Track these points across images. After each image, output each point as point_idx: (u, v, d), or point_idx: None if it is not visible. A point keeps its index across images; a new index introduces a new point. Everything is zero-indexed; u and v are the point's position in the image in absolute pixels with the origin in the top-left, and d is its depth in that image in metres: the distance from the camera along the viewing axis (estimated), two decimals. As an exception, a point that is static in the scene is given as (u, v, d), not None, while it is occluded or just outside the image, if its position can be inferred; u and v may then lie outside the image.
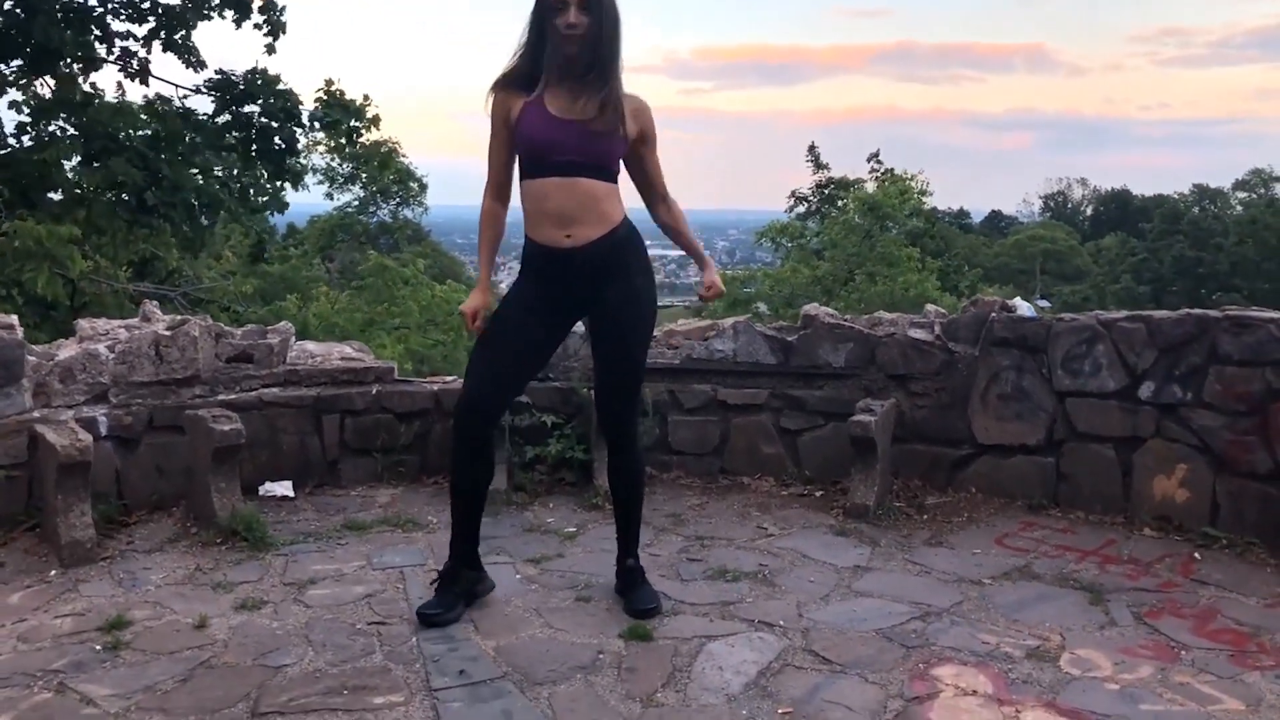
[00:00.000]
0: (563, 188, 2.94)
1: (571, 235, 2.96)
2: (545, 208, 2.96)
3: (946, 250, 27.26)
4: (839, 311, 4.94)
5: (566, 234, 2.96)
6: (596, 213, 2.98)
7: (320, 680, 2.77)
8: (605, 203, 3.00)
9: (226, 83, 9.49)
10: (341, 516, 4.15)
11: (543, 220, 2.98)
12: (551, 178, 2.94)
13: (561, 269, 2.99)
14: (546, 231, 2.98)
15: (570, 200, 2.94)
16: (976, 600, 3.36)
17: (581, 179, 2.94)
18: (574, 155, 2.92)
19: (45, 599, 3.32)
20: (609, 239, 3.01)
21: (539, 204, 2.97)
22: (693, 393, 4.68)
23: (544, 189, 2.95)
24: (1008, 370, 4.24)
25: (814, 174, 24.81)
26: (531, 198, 2.98)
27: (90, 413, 4.01)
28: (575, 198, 2.94)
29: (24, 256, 6.25)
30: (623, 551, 3.32)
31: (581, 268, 2.99)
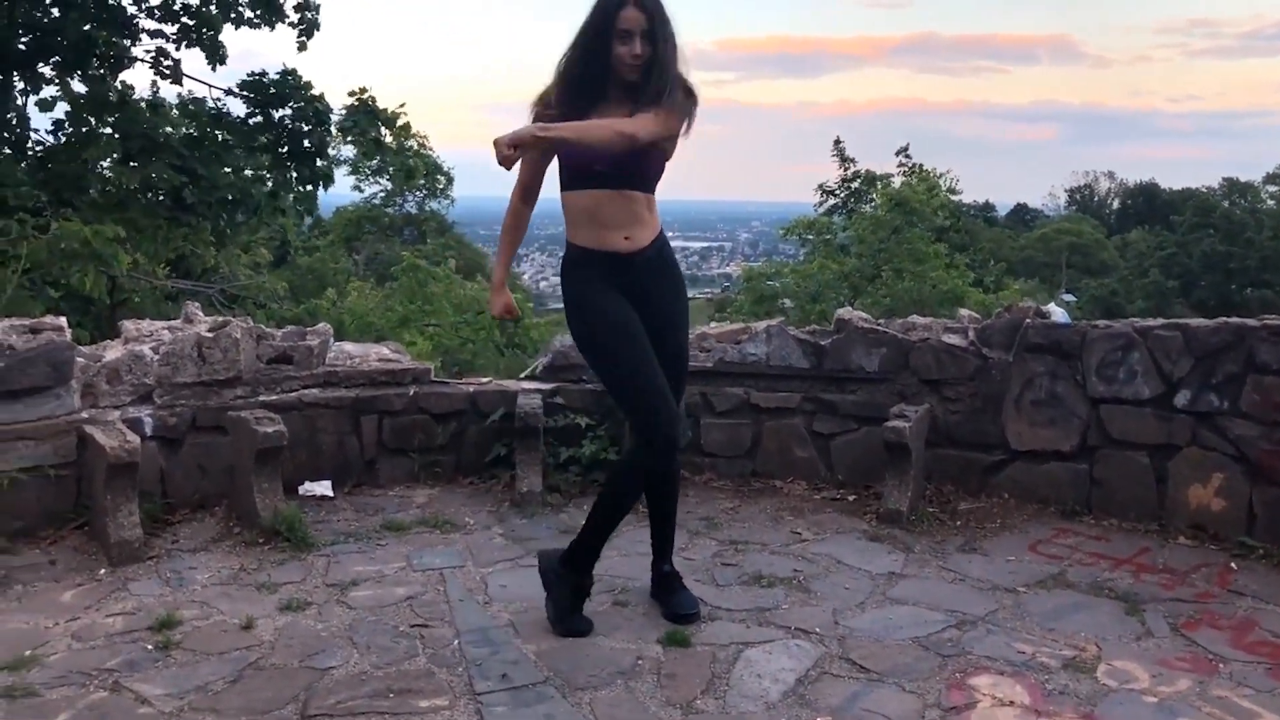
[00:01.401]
0: (614, 199, 3.00)
1: (630, 239, 3.03)
2: (598, 217, 3.01)
3: (971, 244, 27.11)
4: (867, 308, 4.96)
5: (625, 236, 3.02)
6: (645, 219, 3.05)
7: (366, 683, 2.83)
8: (650, 211, 3.08)
9: (258, 85, 9.58)
10: (380, 516, 4.21)
11: (596, 227, 3.02)
12: (603, 190, 2.98)
13: (624, 269, 3.04)
14: (603, 236, 3.01)
15: (622, 211, 3.01)
16: (1012, 608, 3.38)
17: (630, 191, 3.01)
18: (624, 170, 2.96)
19: (96, 597, 3.39)
20: (657, 242, 3.09)
21: (591, 214, 3.01)
22: (725, 395, 4.71)
23: (595, 200, 2.99)
24: (1041, 376, 4.25)
25: (839, 168, 24.73)
26: (581, 208, 3.03)
27: (136, 413, 4.09)
28: (627, 208, 3.01)
29: (70, 257, 6.35)
30: (660, 556, 3.35)
31: (641, 268, 3.05)
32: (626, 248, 3.03)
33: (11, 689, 2.76)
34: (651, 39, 2.89)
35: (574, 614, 3.17)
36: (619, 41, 2.89)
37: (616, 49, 2.90)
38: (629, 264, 3.04)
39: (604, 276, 3.05)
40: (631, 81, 2.94)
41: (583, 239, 3.06)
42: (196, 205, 8.36)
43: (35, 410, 3.82)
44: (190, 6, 9.62)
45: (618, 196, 2.99)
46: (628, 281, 3.05)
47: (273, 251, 20.75)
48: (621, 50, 2.90)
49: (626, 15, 2.88)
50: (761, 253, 41.57)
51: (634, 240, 3.03)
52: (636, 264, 3.05)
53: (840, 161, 24.45)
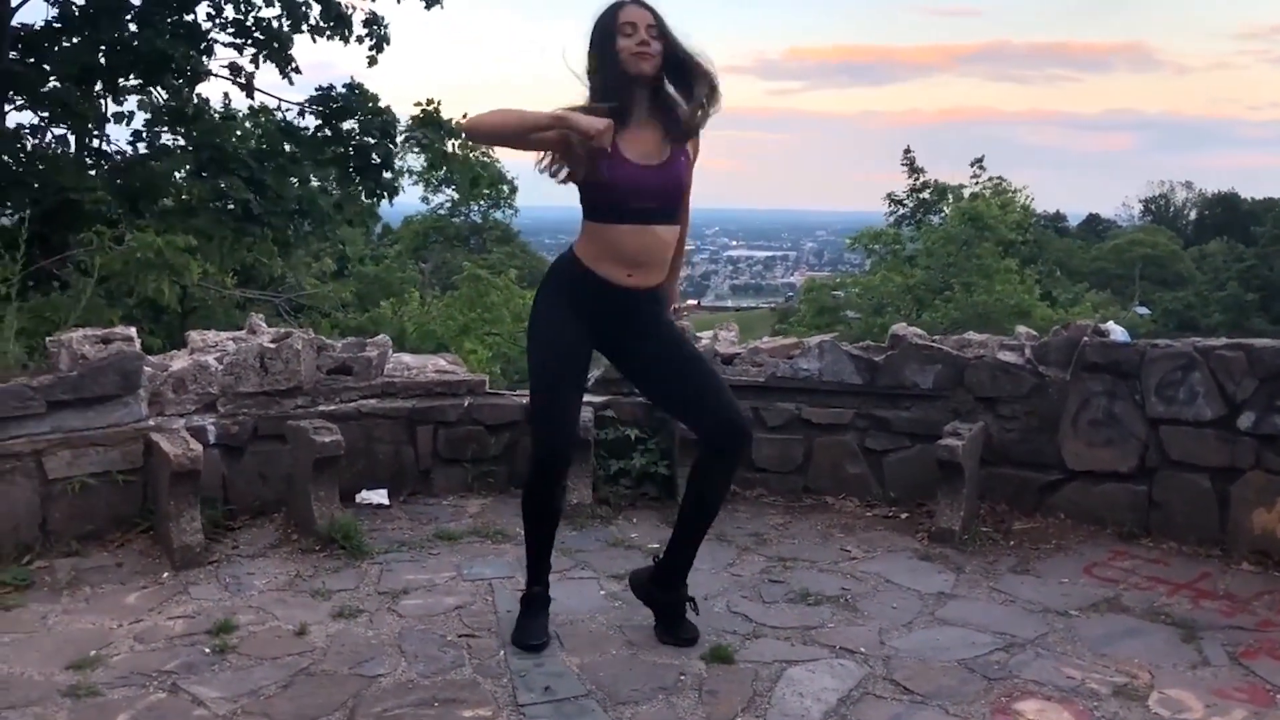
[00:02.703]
0: (637, 235, 2.96)
1: (634, 276, 2.99)
2: (618, 252, 2.97)
3: (1040, 256, 26.66)
4: (934, 321, 4.93)
5: (629, 273, 2.99)
6: (661, 259, 3.04)
7: (412, 691, 2.88)
8: (670, 250, 3.06)
9: (327, 98, 9.81)
10: (434, 526, 4.28)
11: (609, 259, 2.99)
12: (628, 224, 2.95)
13: (612, 302, 3.01)
14: (609, 268, 2.99)
15: (642, 247, 2.97)
16: (1062, 632, 3.32)
17: (655, 226, 2.98)
18: (651, 202, 2.94)
19: (159, 600, 3.51)
20: (662, 285, 3.09)
21: (612, 248, 2.98)
22: (776, 410, 4.71)
23: (619, 235, 2.96)
24: (1099, 396, 4.18)
25: (909, 178, 24.51)
26: (604, 241, 2.99)
27: (200, 421, 4.21)
28: (648, 245, 2.98)
29: (144, 266, 6.57)
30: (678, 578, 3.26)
31: (633, 303, 3.03)
32: (627, 283, 2.99)
33: (76, 688, 2.87)
34: (660, 34, 2.90)
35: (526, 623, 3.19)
36: (621, 36, 2.90)
37: (621, 43, 2.89)
38: (624, 297, 3.01)
39: (584, 299, 3.03)
40: (645, 77, 2.91)
41: (589, 263, 3.01)
42: (263, 216, 8.60)
43: (105, 418, 3.96)
44: (263, 21, 9.90)
45: (643, 232, 2.96)
46: (614, 314, 3.04)
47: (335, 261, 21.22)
48: (626, 43, 2.89)
49: (627, 11, 2.90)
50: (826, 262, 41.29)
51: (637, 278, 3.00)
52: (632, 300, 3.02)
53: (910, 171, 24.26)
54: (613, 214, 2.96)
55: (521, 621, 3.20)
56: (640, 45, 2.90)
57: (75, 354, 3.92)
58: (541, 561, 3.25)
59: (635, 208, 2.94)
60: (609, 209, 2.97)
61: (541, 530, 3.22)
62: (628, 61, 2.91)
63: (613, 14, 2.92)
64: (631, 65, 2.91)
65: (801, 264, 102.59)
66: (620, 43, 2.90)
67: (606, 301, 3.02)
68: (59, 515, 3.86)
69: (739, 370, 4.79)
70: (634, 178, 2.92)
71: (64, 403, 3.86)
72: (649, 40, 2.90)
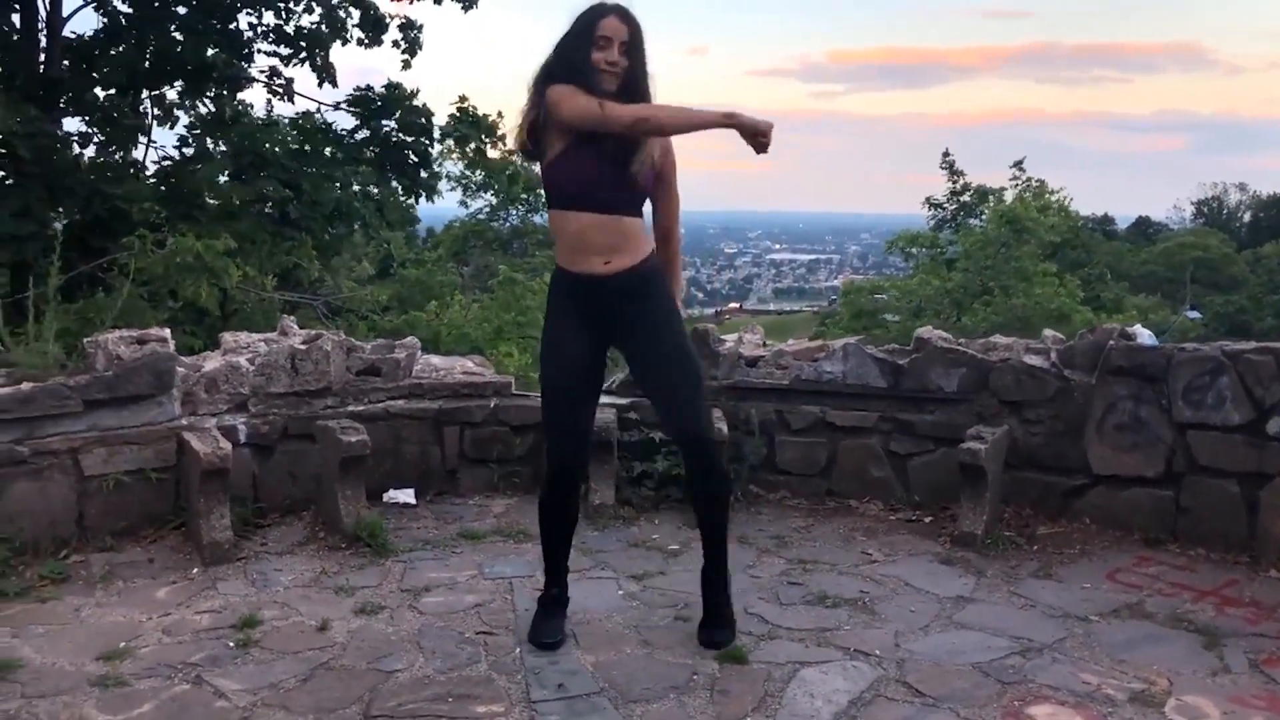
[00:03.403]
0: (599, 224, 3.00)
1: (610, 263, 3.03)
2: (583, 241, 3.02)
3: (1088, 260, 26.27)
4: (972, 325, 4.90)
5: (605, 260, 3.03)
6: (630, 245, 3.06)
7: (428, 687, 2.93)
8: (637, 236, 3.09)
9: (365, 99, 9.96)
10: (458, 525, 4.34)
11: (579, 250, 3.04)
12: (587, 213, 2.99)
13: (598, 294, 3.06)
14: (583, 260, 3.04)
15: (607, 235, 3.01)
16: (1081, 637, 3.30)
17: (616, 215, 3.01)
18: (609, 192, 2.99)
19: (187, 595, 3.59)
20: (642, 267, 3.08)
21: (575, 238, 3.03)
22: (801, 413, 4.71)
23: (580, 224, 3.01)
24: (1125, 400, 4.14)
25: (949, 180, 24.30)
26: (567, 231, 3.04)
27: (231, 421, 4.31)
28: (611, 233, 3.02)
29: (184, 270, 6.72)
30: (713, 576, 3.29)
31: (618, 292, 3.05)
32: (603, 270, 3.03)
33: (105, 678, 2.95)
34: (630, 52, 2.94)
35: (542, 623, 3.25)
36: (596, 48, 2.94)
37: (593, 55, 2.94)
38: (605, 286, 3.04)
39: (576, 301, 3.09)
40: (608, 92, 2.94)
41: (563, 262, 3.10)
42: (300, 219, 8.74)
43: (139, 417, 4.07)
44: (302, 29, 10.07)
45: (605, 221, 3.00)
46: (604, 305, 3.07)
47: (377, 264, 21.46)
48: (598, 56, 2.93)
49: (607, 23, 2.94)
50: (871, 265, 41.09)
51: (614, 264, 3.03)
52: (614, 286, 3.04)
53: (949, 174, 24.05)
54: (572, 203, 3.02)
55: (537, 620, 3.25)
56: (609, 64, 2.95)
57: (111, 354, 4.03)
58: (558, 565, 3.30)
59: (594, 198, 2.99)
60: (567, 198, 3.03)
61: (557, 535, 3.27)
62: (593, 77, 2.96)
63: (594, 21, 2.96)
64: (596, 78, 2.96)
65: (845, 267, 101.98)
66: (594, 54, 2.96)
67: (598, 296, 3.07)
68: (95, 511, 3.96)
69: (763, 373, 4.80)
70: (586, 169, 2.98)
71: (100, 402, 3.96)
72: (618, 59, 2.95)
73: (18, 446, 3.80)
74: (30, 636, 3.25)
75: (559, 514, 3.25)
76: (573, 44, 3.00)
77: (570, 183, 3.02)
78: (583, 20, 2.99)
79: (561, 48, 3.03)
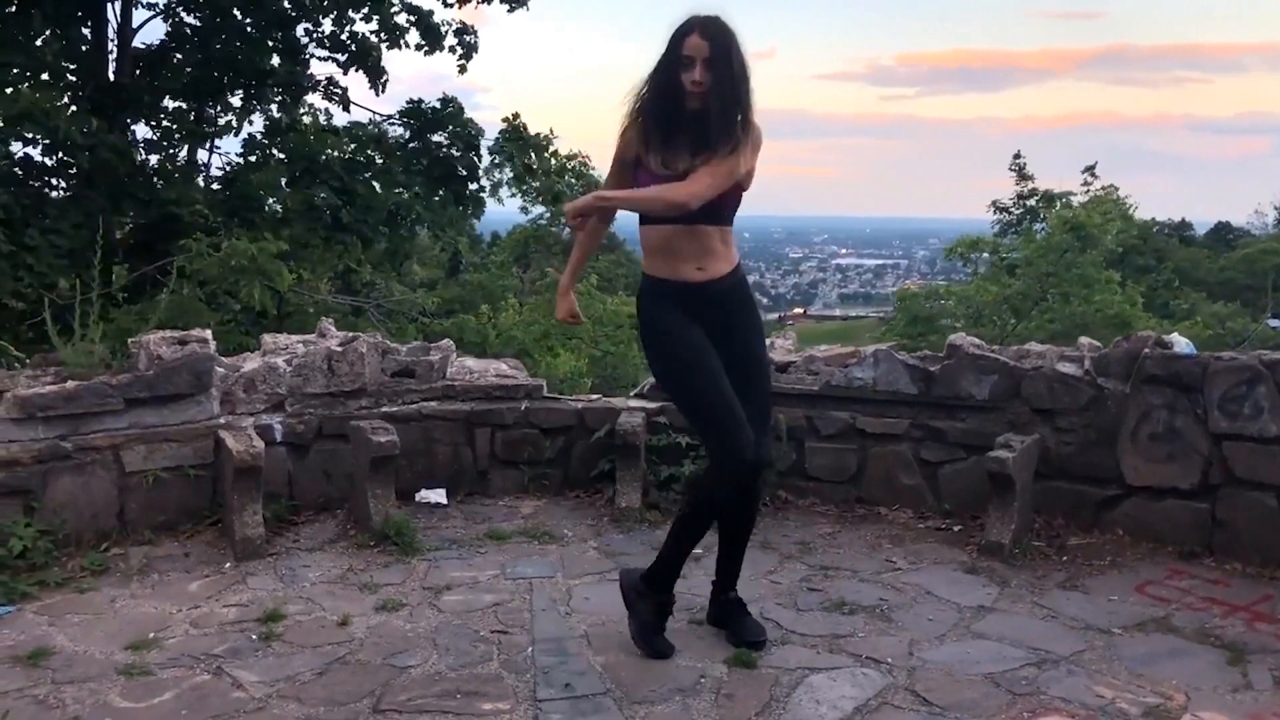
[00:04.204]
0: (687, 235, 3.02)
1: (703, 269, 3.05)
2: (675, 252, 3.04)
3: (1156, 266, 25.61)
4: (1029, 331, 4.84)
5: (698, 268, 3.05)
6: (718, 252, 3.07)
7: (438, 683, 2.99)
8: (726, 245, 3.09)
9: (417, 111, 10.14)
10: (486, 525, 4.40)
11: (672, 260, 3.06)
12: (680, 226, 3.01)
13: (698, 299, 3.07)
14: (677, 268, 3.05)
15: (697, 246, 3.03)
16: (1101, 650, 3.24)
17: (703, 227, 3.02)
18: (697, 210, 2.95)
19: (218, 588, 3.70)
20: (733, 275, 3.11)
21: (667, 249, 3.05)
22: (830, 419, 4.69)
23: (669, 236, 3.03)
24: (1159, 409, 4.05)
25: (1017, 184, 23.90)
26: (659, 244, 3.06)
27: (268, 420, 4.42)
28: (700, 244, 3.03)
29: (238, 272, 6.92)
30: (725, 583, 3.35)
31: (714, 298, 3.07)
32: (699, 278, 3.04)
33: (131, 667, 3.06)
34: (714, 66, 2.89)
35: (657, 634, 3.21)
36: (681, 69, 2.91)
37: (680, 74, 2.92)
38: (701, 293, 3.06)
39: (677, 305, 3.08)
40: (696, 110, 2.94)
41: (656, 269, 3.11)
42: (351, 224, 8.94)
43: (179, 415, 4.20)
44: (357, 35, 10.29)
45: (689, 232, 3.01)
46: (700, 311, 3.08)
47: (445, 263, 21.79)
48: (683, 77, 2.91)
49: (690, 42, 2.90)
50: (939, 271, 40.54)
51: (706, 271, 3.04)
52: (709, 294, 3.07)
53: (1018, 178, 23.66)
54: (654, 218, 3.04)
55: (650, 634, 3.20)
56: (693, 84, 2.91)
57: (152, 355, 4.17)
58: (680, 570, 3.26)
59: None
60: None
61: (700, 538, 3.22)
62: (683, 97, 2.94)
63: (680, 40, 2.92)
64: (685, 99, 2.94)
65: (913, 273, 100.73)
66: (680, 73, 2.93)
67: (694, 300, 3.07)
68: (135, 506, 4.10)
69: (794, 378, 4.79)
70: None
71: (141, 400, 4.10)
72: (701, 79, 2.90)
73: (63, 443, 3.95)
74: (66, 625, 3.38)
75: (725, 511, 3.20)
76: (660, 67, 2.98)
77: None
78: (671, 40, 2.96)
79: (653, 71, 3.01)
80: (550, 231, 27.38)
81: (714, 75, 2.89)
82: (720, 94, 2.91)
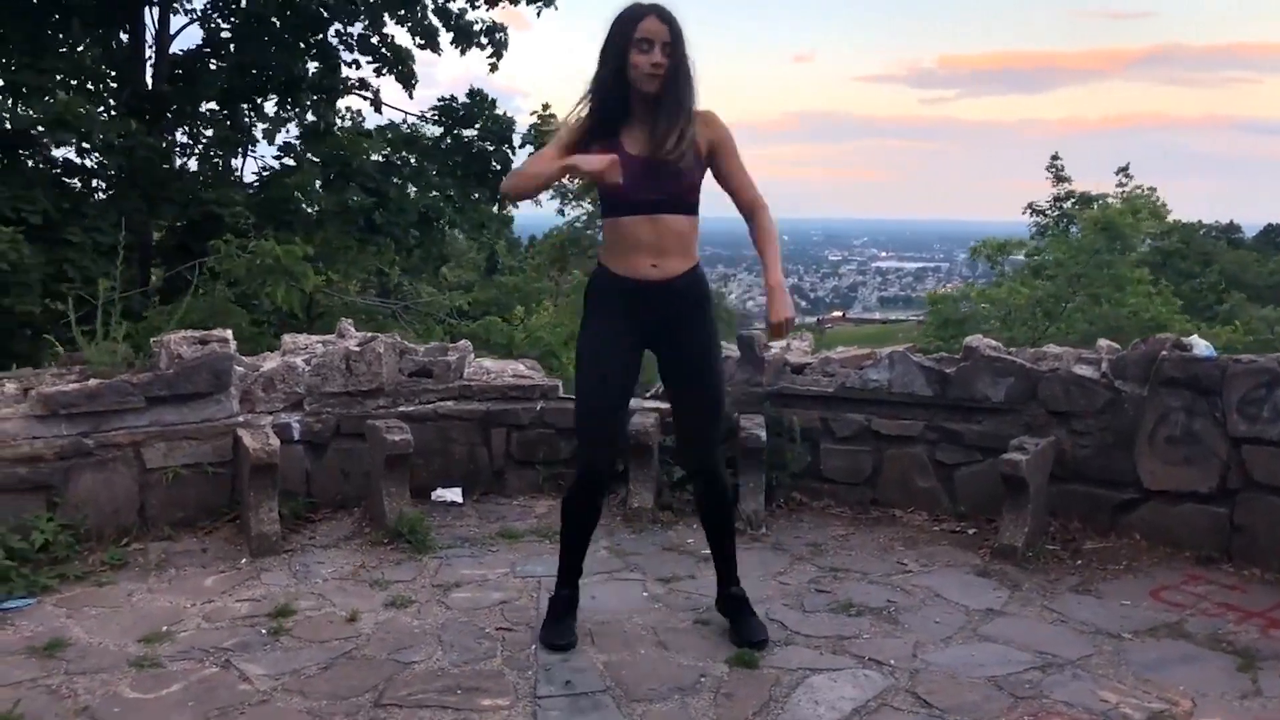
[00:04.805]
0: (650, 225, 3.00)
1: (658, 266, 3.02)
2: (635, 244, 3.02)
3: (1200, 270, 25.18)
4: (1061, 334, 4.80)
5: (653, 264, 3.02)
6: (681, 248, 3.05)
7: (440, 679, 3.02)
8: (689, 238, 3.07)
9: (449, 108, 10.22)
10: (500, 524, 4.44)
11: (629, 253, 3.04)
12: (639, 216, 3.00)
13: (644, 299, 3.05)
14: (631, 262, 3.03)
15: (658, 236, 3.01)
16: (1109, 654, 3.20)
17: (667, 215, 3.00)
18: (659, 194, 2.97)
19: (232, 584, 3.76)
20: (691, 274, 3.08)
21: (628, 241, 3.03)
22: (845, 421, 4.67)
23: (632, 227, 3.01)
24: (1177, 412, 3.99)
25: (1054, 186, 23.62)
26: (619, 235, 3.05)
27: (286, 419, 4.49)
28: (663, 234, 3.01)
29: (264, 272, 7.03)
30: (722, 578, 3.37)
31: (665, 298, 3.05)
32: (653, 275, 3.02)
33: (142, 659, 3.12)
34: (672, 51, 2.91)
35: (553, 623, 3.29)
36: (637, 50, 2.91)
37: (634, 58, 2.91)
38: (651, 291, 3.04)
39: (619, 303, 3.08)
40: (650, 94, 2.94)
41: (609, 263, 3.10)
42: (384, 226, 9.03)
43: (198, 413, 4.27)
44: (388, 38, 10.40)
45: (656, 221, 2.99)
46: (647, 310, 3.06)
47: (481, 265, 21.96)
48: (640, 59, 2.91)
49: (646, 25, 2.91)
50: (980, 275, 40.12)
51: (662, 268, 3.02)
52: (661, 293, 3.04)
53: (1055, 180, 23.38)
54: (624, 208, 3.03)
55: (549, 622, 3.30)
56: (653, 66, 2.92)
57: (173, 354, 4.25)
58: (574, 566, 3.35)
59: (644, 200, 2.99)
60: (618, 203, 3.03)
61: (576, 536, 3.32)
62: (636, 78, 2.95)
63: (632, 24, 2.93)
64: (639, 82, 2.95)
65: (954, 276, 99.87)
66: (634, 57, 2.93)
67: (639, 300, 3.06)
68: (155, 502, 4.18)
69: (809, 380, 4.78)
70: (635, 172, 2.95)
71: (161, 398, 4.18)
72: (662, 61, 2.92)
73: (85, 439, 4.03)
74: (83, 618, 3.45)
75: (582, 515, 3.31)
76: (610, 50, 2.98)
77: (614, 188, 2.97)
78: (619, 23, 2.96)
79: (601, 55, 3.01)
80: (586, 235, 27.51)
81: (672, 59, 2.92)
82: (677, 77, 2.93)
